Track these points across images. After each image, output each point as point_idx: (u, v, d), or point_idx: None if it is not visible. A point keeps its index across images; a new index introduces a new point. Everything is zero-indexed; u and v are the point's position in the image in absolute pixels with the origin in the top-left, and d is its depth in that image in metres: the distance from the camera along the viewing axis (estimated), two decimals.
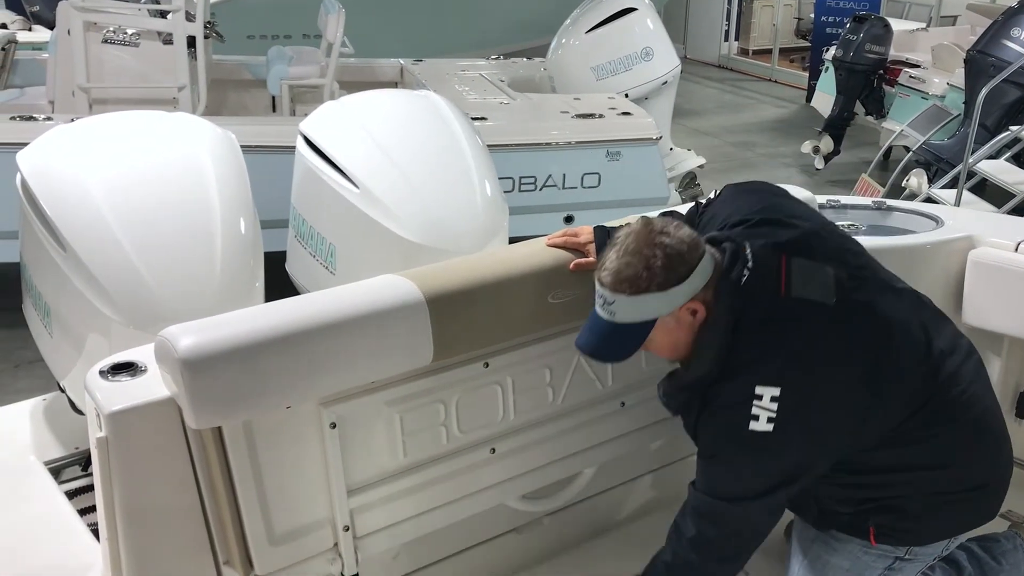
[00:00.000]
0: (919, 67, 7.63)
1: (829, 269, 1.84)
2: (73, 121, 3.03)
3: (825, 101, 8.24)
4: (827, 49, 8.45)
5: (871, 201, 3.13)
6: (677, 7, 12.21)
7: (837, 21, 9.60)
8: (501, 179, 3.02)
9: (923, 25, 9.27)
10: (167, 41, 5.21)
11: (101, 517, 1.85)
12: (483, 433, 2.20)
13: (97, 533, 1.95)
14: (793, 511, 2.13)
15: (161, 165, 2.52)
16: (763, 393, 1.74)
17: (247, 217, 2.46)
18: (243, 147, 2.69)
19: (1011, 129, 5.83)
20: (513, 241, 2.51)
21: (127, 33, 5.21)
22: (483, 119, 5.03)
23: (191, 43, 5.19)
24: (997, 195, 5.79)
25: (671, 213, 2.21)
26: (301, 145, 3.04)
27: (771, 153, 8.69)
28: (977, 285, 2.67)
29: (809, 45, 10.81)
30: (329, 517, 2.01)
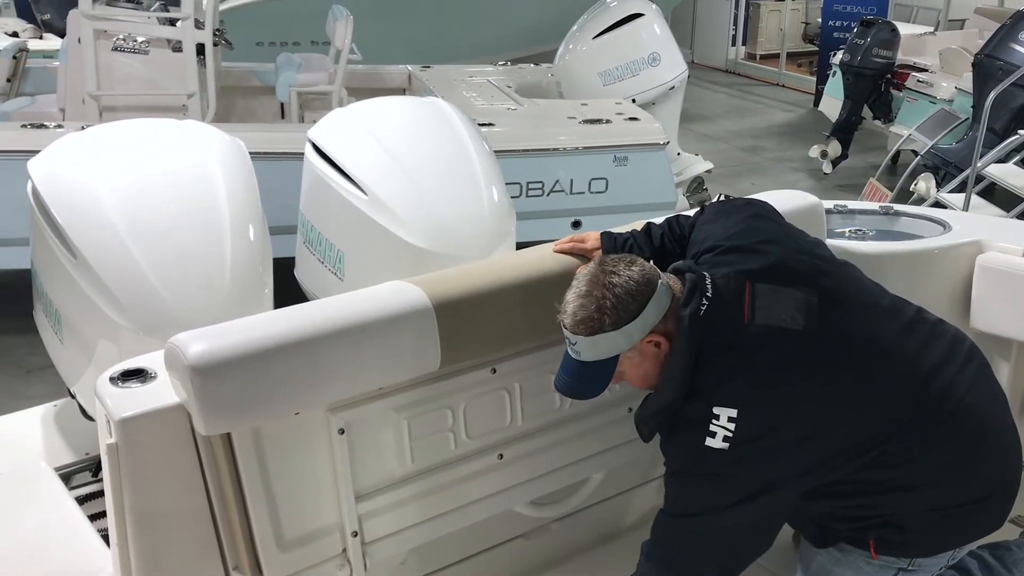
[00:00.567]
0: (927, 71, 7.62)
1: (798, 293, 1.84)
2: (84, 129, 3.06)
3: (833, 105, 8.23)
4: (834, 53, 8.44)
5: (878, 206, 3.13)
6: (684, 12, 12.22)
7: (844, 25, 9.58)
8: (509, 184, 3.03)
9: (931, 29, 9.26)
10: (176, 48, 5.24)
11: (111, 523, 1.86)
12: (491, 439, 2.21)
13: (107, 539, 1.96)
14: (794, 527, 2.12)
15: (171, 172, 2.54)
16: (720, 413, 1.76)
17: (256, 224, 2.48)
18: (252, 154, 2.71)
19: (1020, 133, 5.80)
20: (521, 246, 2.52)
21: (137, 41, 5.24)
22: (490, 125, 5.05)
23: (200, 50, 5.22)
24: (1006, 199, 5.77)
25: (676, 218, 2.21)
26: (309, 152, 3.06)
27: (779, 158, 8.68)
28: (985, 290, 2.66)
29: (816, 49, 10.80)
30: (338, 523, 2.02)
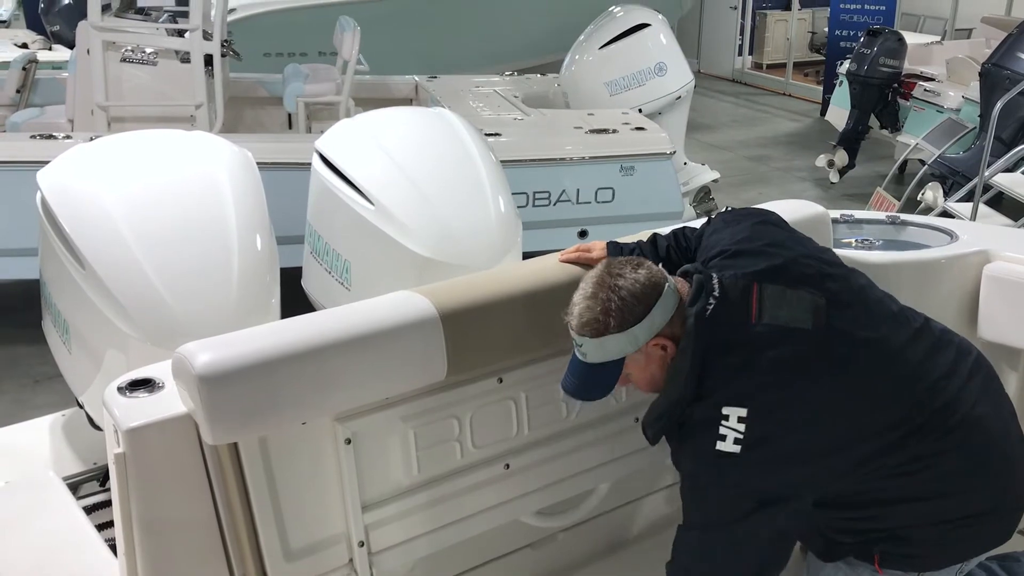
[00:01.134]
0: (934, 80, 7.61)
1: (806, 295, 1.84)
2: (92, 140, 3.07)
3: (840, 115, 8.23)
4: (841, 63, 8.45)
5: (885, 216, 3.12)
6: (691, 22, 12.24)
7: (851, 35, 9.60)
8: (515, 194, 3.04)
9: (937, 38, 9.27)
10: (185, 60, 5.27)
11: (119, 532, 1.87)
12: (497, 448, 2.20)
13: (115, 548, 1.97)
14: (801, 540, 2.11)
15: (179, 183, 2.55)
16: (729, 413, 1.74)
17: (263, 234, 2.49)
18: (259, 164, 2.72)
19: None
20: (527, 256, 2.52)
21: (145, 52, 5.28)
22: (497, 135, 5.06)
23: (208, 61, 5.26)
24: (1014, 208, 5.75)
25: (682, 230, 2.21)
26: (316, 162, 3.07)
27: (786, 167, 8.68)
28: (993, 300, 2.66)
29: (823, 59, 10.81)
30: (344, 532, 2.02)
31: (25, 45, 8.17)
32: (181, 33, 5.31)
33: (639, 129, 5.40)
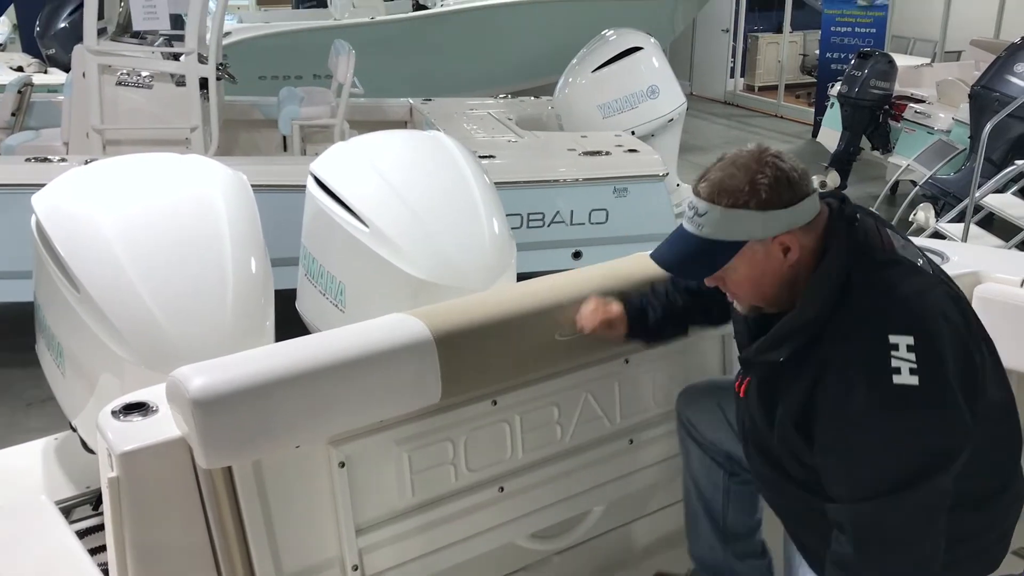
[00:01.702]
0: (924, 102, 7.67)
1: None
2: (87, 163, 3.08)
3: (831, 136, 8.28)
4: (832, 85, 8.51)
5: None
6: (683, 45, 12.33)
7: (842, 57, 9.67)
8: (509, 216, 3.05)
9: (927, 60, 9.34)
10: (180, 83, 5.29)
11: (111, 557, 1.86)
12: (492, 471, 2.20)
13: (107, 573, 1.96)
14: (799, 539, 2.09)
15: (174, 206, 2.55)
16: (898, 342, 1.56)
17: (258, 257, 2.49)
18: (254, 186, 2.73)
19: (1016, 163, 5.84)
20: (522, 277, 2.53)
21: (141, 75, 5.29)
22: (491, 157, 5.08)
23: (203, 84, 5.27)
24: (1004, 229, 5.79)
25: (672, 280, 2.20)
26: (311, 185, 3.08)
27: None
28: (983, 321, 2.66)
29: (815, 81, 10.88)
30: (338, 556, 2.02)
31: (21, 68, 8.22)
32: (177, 57, 5.33)
33: (632, 151, 5.42)
